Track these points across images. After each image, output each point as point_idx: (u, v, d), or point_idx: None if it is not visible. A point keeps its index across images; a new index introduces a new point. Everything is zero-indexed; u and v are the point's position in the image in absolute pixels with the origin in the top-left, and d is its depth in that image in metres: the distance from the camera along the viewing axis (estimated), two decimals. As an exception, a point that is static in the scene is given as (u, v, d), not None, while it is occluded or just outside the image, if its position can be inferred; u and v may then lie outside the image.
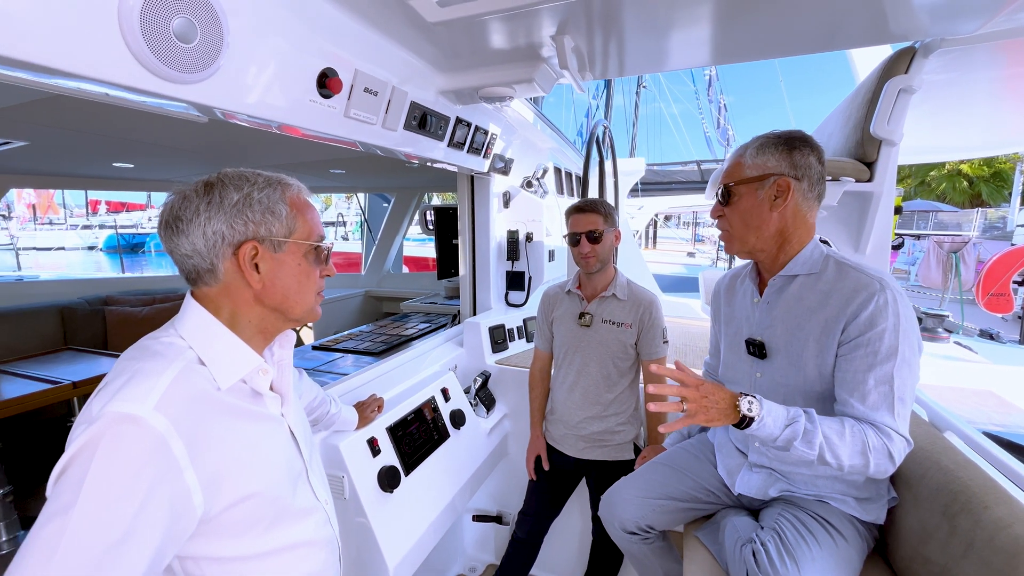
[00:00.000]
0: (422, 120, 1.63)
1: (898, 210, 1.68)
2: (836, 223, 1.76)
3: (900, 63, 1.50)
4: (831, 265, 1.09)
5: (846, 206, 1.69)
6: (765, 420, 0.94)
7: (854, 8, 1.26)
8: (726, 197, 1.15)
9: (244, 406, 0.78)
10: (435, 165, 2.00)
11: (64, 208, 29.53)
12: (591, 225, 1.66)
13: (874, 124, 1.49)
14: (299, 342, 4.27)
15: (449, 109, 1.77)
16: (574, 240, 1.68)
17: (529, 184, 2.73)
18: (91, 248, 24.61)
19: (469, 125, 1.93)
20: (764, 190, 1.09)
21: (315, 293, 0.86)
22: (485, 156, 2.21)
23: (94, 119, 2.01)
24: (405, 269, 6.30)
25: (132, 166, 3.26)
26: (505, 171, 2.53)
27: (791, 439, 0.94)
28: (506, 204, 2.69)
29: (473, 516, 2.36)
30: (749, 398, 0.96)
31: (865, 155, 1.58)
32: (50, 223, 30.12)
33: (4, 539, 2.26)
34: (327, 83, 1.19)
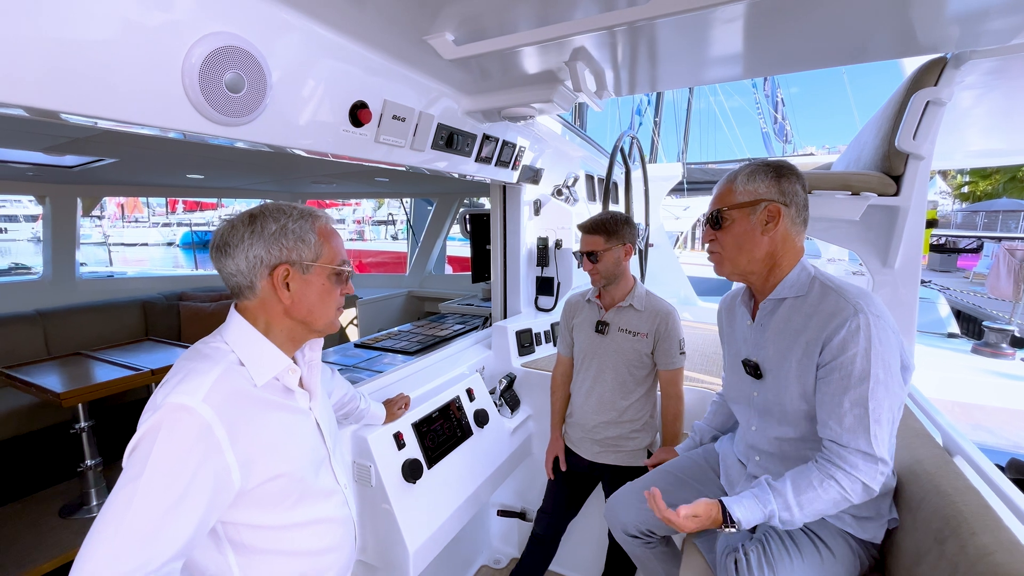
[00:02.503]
0: (449, 139, 1.75)
1: (931, 223, 1.62)
2: (863, 238, 1.72)
3: (929, 74, 1.45)
4: (816, 287, 1.12)
5: (873, 220, 1.65)
6: (742, 524, 1.04)
7: (883, 21, 1.24)
8: (717, 222, 1.19)
9: (276, 400, 0.92)
10: (467, 178, 2.12)
11: (147, 207, 32.49)
12: (591, 246, 1.74)
13: (899, 138, 1.46)
14: (345, 339, 4.56)
15: (475, 127, 1.88)
16: (580, 257, 1.78)
17: (559, 192, 2.80)
18: (169, 244, 26.93)
19: (496, 140, 2.04)
20: (756, 215, 1.13)
21: (335, 308, 1.00)
22: (514, 168, 2.31)
23: (170, 142, 2.29)
24: (449, 269, 6.51)
25: (202, 177, 3.62)
26: (535, 180, 2.62)
27: (772, 523, 1.05)
28: (537, 212, 2.77)
29: (498, 511, 2.47)
30: (730, 529, 1.06)
31: (892, 168, 1.54)
32: (135, 221, 33.25)
33: (95, 503, 2.61)
34: (358, 114, 1.33)
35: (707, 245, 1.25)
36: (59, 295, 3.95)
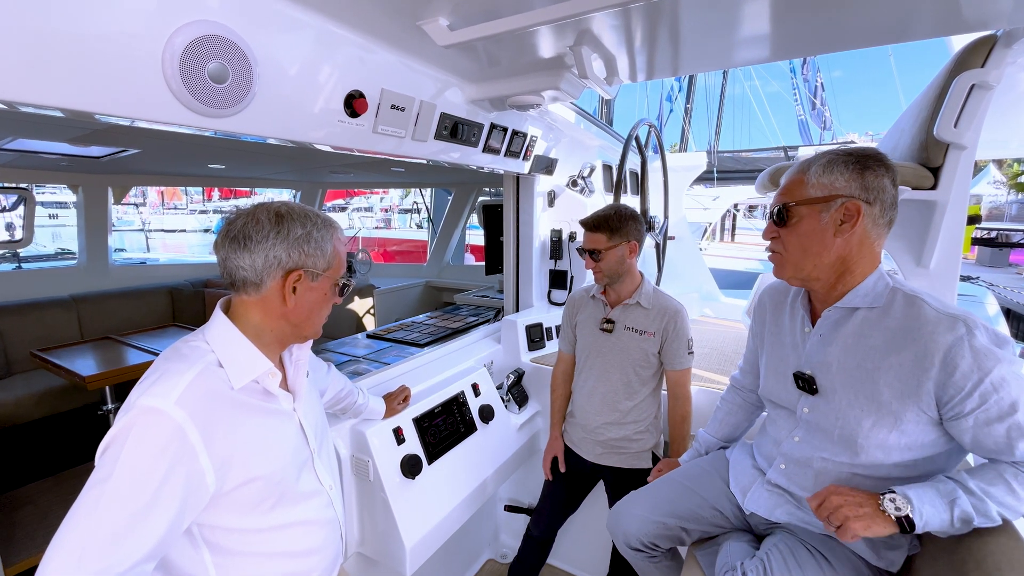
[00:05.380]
0: (453, 129, 1.70)
1: (974, 219, 1.48)
2: (895, 234, 1.58)
3: (976, 55, 1.31)
4: (899, 299, 0.98)
5: (907, 216, 1.52)
6: (924, 513, 0.85)
7: None
8: (782, 217, 1.04)
9: (254, 402, 0.90)
10: (483, 169, 2.07)
11: (185, 195, 33.70)
12: (593, 244, 1.66)
13: (938, 125, 1.33)
14: (362, 327, 4.61)
15: (482, 116, 1.82)
16: (583, 253, 1.70)
17: (575, 183, 2.72)
18: (206, 231, 27.89)
19: (505, 130, 1.98)
20: (829, 213, 0.98)
21: (325, 317, 1.00)
22: (525, 158, 2.24)
23: (186, 134, 2.34)
24: (471, 258, 6.49)
25: (224, 167, 3.69)
26: (549, 171, 2.55)
27: (967, 520, 0.86)
28: (551, 203, 2.70)
29: (505, 506, 2.45)
30: (890, 496, 0.88)
31: (929, 159, 1.41)
32: (175, 208, 34.57)
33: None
34: (353, 104, 1.30)
35: (768, 243, 1.10)
36: (93, 281, 4.12)
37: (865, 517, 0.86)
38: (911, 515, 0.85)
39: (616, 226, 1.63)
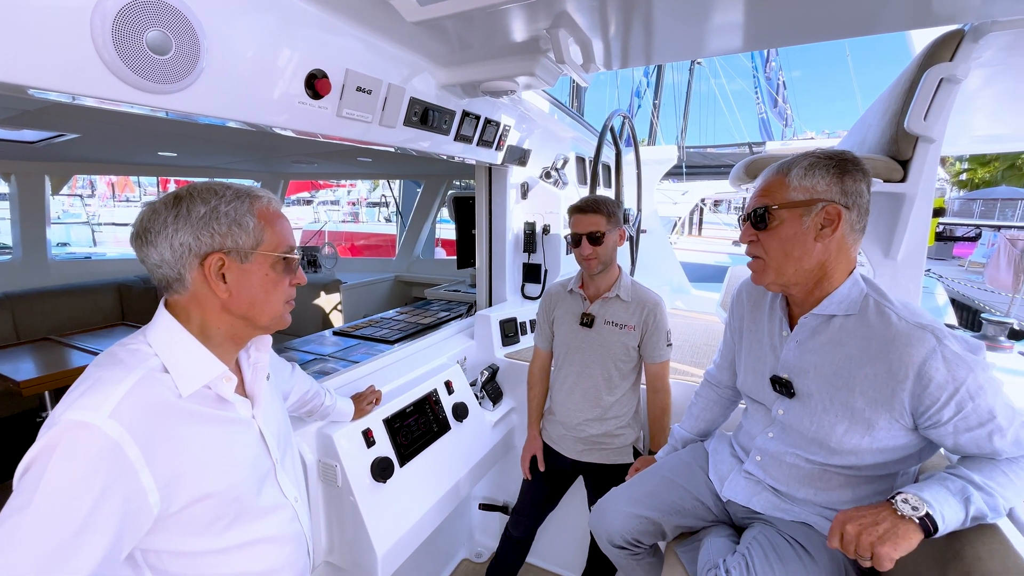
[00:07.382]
0: (423, 116, 1.62)
1: (938, 212, 1.52)
2: (864, 226, 1.61)
3: (944, 49, 1.33)
4: (871, 307, 0.98)
5: (876, 208, 1.53)
6: (945, 515, 0.81)
7: None
8: (763, 220, 1.02)
9: (206, 411, 0.81)
10: (454, 159, 1.99)
11: (139, 186, 31.86)
12: (593, 226, 1.61)
13: (908, 118, 1.34)
14: (328, 324, 4.45)
15: (454, 103, 1.74)
16: (576, 240, 1.64)
17: (548, 175, 2.67)
18: (160, 224, 26.42)
19: (477, 118, 1.90)
20: (811, 217, 0.97)
21: (283, 302, 0.89)
22: (498, 148, 2.18)
23: (130, 116, 2.15)
24: (442, 252, 6.36)
25: (175, 155, 3.45)
26: (522, 162, 2.49)
27: (981, 517, 0.84)
28: (524, 195, 2.65)
29: (480, 504, 2.40)
30: (901, 497, 0.83)
31: (899, 152, 1.43)
32: (127, 200, 32.65)
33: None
34: (315, 84, 1.20)
35: (746, 247, 1.08)
36: (30, 277, 3.80)
37: (888, 535, 0.80)
38: (932, 515, 0.81)
39: (612, 211, 1.62)
